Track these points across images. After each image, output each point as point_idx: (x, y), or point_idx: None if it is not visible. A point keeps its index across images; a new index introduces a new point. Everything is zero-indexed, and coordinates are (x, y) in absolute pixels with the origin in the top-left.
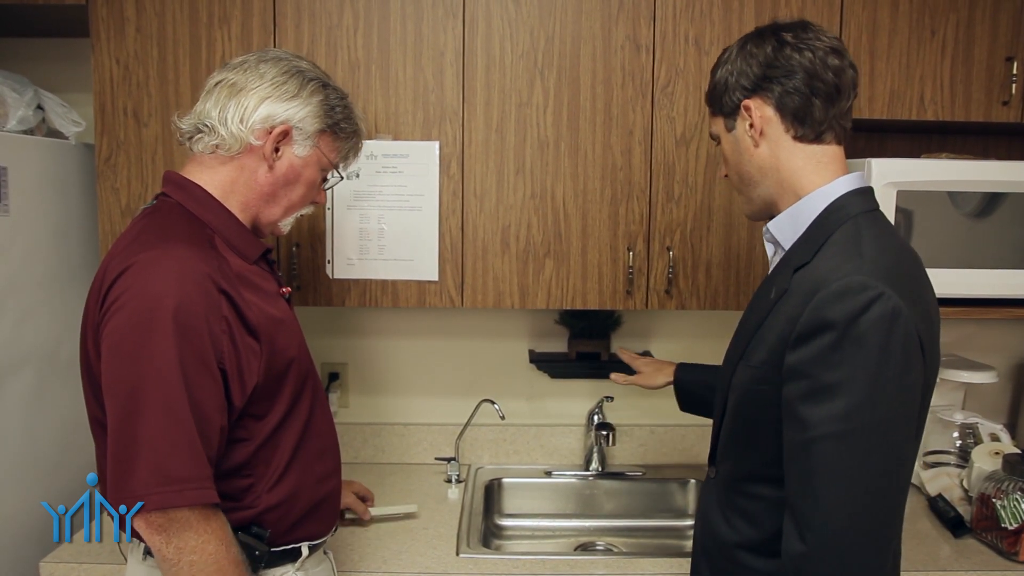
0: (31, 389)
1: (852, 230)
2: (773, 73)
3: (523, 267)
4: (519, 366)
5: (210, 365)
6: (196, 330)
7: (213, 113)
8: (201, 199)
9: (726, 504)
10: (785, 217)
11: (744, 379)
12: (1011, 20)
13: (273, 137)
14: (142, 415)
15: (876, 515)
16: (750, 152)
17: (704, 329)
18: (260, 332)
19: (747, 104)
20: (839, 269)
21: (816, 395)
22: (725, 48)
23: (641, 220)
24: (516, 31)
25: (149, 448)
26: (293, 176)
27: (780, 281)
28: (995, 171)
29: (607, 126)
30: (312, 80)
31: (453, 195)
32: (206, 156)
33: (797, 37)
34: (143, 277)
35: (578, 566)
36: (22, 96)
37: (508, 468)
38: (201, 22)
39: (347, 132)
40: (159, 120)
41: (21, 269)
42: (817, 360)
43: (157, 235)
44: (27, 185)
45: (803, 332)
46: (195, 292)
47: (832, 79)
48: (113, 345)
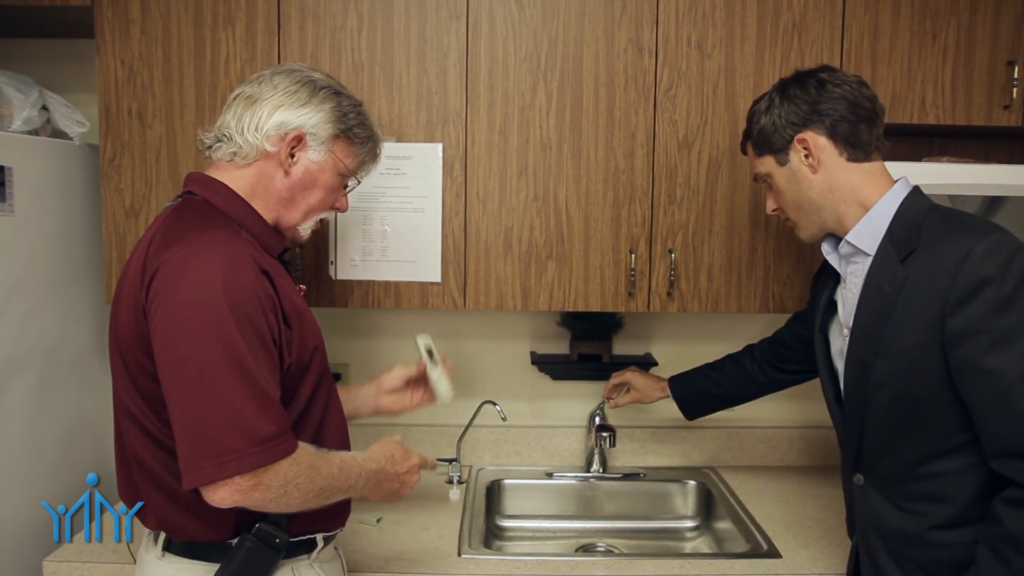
0: (34, 389)
1: (943, 216)
2: (821, 107)
3: (525, 269)
4: (521, 367)
5: (265, 338)
6: (249, 304)
7: (232, 124)
8: (227, 195)
9: (902, 496)
10: (862, 227)
11: (893, 369)
12: (1012, 24)
13: (287, 143)
14: (215, 389)
15: None
16: (809, 180)
17: (706, 331)
18: (291, 319)
19: (802, 137)
20: (966, 239)
21: (998, 344)
22: (761, 97)
23: (643, 222)
24: (519, 34)
25: (234, 415)
26: (310, 180)
27: (889, 274)
28: (996, 175)
29: (609, 129)
30: (323, 88)
31: (456, 197)
32: (225, 163)
33: (831, 76)
34: (189, 260)
35: (579, 567)
36: (27, 97)
37: (509, 469)
38: (206, 24)
39: (361, 137)
40: (163, 121)
41: (25, 269)
42: (987, 313)
43: (194, 223)
44: (32, 185)
45: (962, 295)
46: (243, 270)
47: (869, 105)
48: (170, 329)
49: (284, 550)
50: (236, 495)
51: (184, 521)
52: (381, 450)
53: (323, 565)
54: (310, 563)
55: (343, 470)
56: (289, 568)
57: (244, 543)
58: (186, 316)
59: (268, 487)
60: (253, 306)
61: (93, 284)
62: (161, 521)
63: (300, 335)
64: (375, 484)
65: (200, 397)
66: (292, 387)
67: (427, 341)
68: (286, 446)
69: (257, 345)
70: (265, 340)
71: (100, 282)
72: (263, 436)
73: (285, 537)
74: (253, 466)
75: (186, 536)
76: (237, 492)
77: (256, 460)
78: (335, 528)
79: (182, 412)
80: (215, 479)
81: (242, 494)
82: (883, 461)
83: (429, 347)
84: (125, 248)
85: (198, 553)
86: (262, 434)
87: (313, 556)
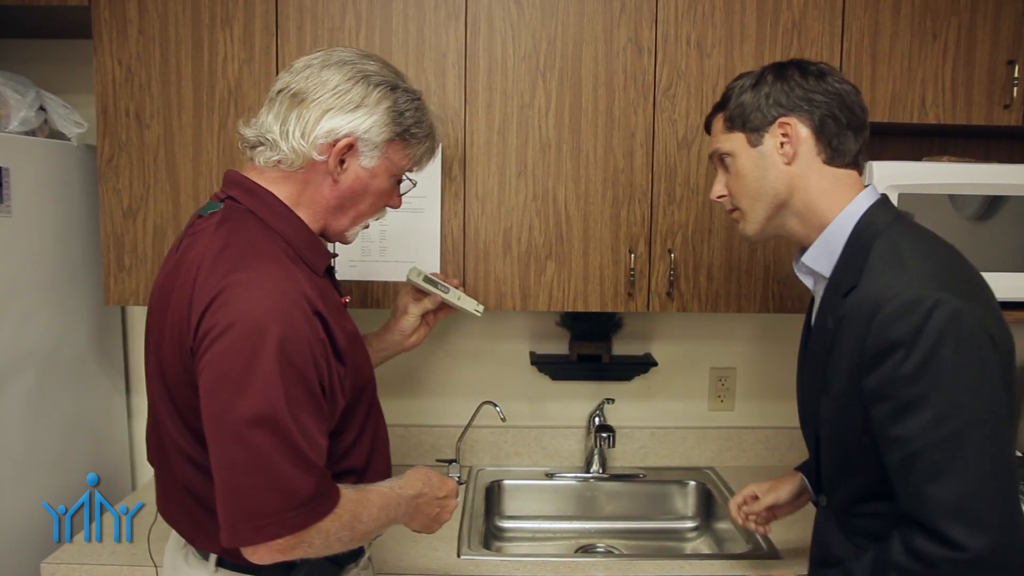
0: (32, 390)
1: (889, 244)
2: (815, 97)
3: (524, 269)
4: (520, 368)
5: (313, 388)
6: (301, 355)
7: (275, 127)
8: (275, 207)
9: (848, 528)
10: (818, 247)
11: (831, 411)
12: (1012, 23)
13: (336, 152)
14: (255, 447)
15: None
16: (778, 169)
17: (705, 331)
18: (345, 355)
19: (785, 121)
20: (890, 287)
21: (904, 412)
22: (747, 73)
23: (642, 222)
24: (518, 33)
25: (272, 476)
26: (360, 188)
27: (834, 309)
28: (996, 174)
29: (609, 128)
30: (379, 85)
31: (455, 197)
32: (268, 169)
33: (833, 72)
34: (242, 300)
35: (579, 568)
36: (24, 97)
37: (509, 470)
38: (203, 24)
39: (419, 136)
40: (161, 121)
41: (23, 270)
42: (895, 379)
43: (246, 251)
44: (29, 186)
45: (873, 355)
46: (297, 316)
47: (861, 114)
48: (215, 375)
49: (344, 562)
50: (276, 554)
51: None
52: (417, 475)
53: (362, 572)
54: (357, 571)
55: (383, 507)
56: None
57: (308, 560)
58: (231, 368)
59: (310, 544)
60: (304, 356)
61: (91, 285)
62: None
63: (354, 367)
64: (415, 510)
65: (237, 454)
66: (342, 422)
67: (420, 273)
68: (327, 505)
69: (304, 399)
70: (314, 391)
71: (98, 283)
72: (303, 498)
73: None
74: (293, 529)
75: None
76: (277, 552)
77: (296, 523)
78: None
79: (221, 467)
80: (253, 542)
81: (282, 552)
82: (835, 491)
83: (429, 278)
84: (123, 249)
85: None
86: (302, 496)
87: (360, 564)
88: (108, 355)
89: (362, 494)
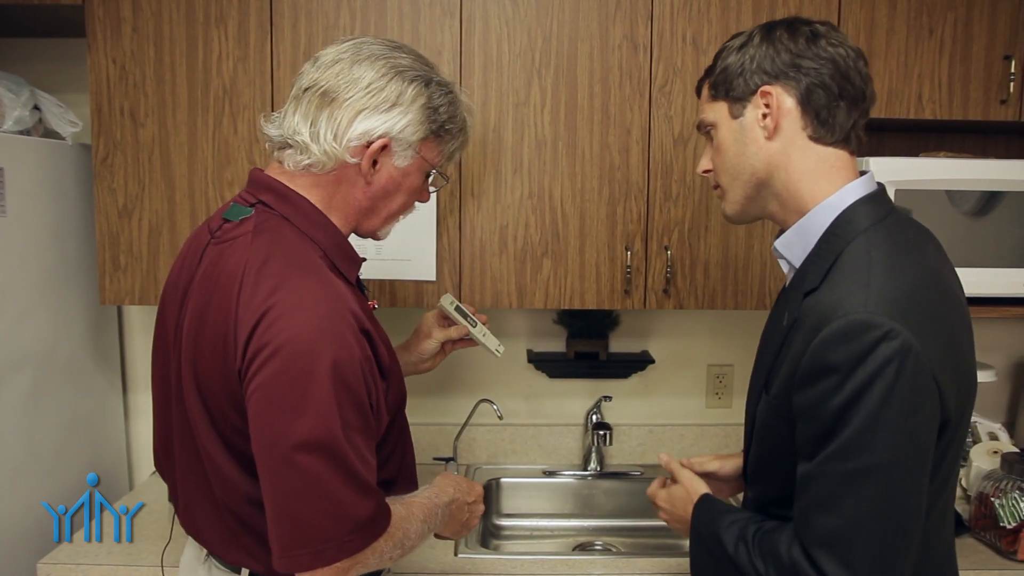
0: (28, 390)
1: (861, 251)
2: (803, 63)
3: (521, 267)
4: (517, 366)
5: (364, 408)
6: (354, 376)
7: (303, 129)
8: (310, 215)
9: None
10: (792, 234)
11: (764, 412)
12: (1009, 18)
13: (370, 154)
14: (312, 473)
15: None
16: (758, 144)
17: (702, 328)
18: (389, 371)
19: (767, 90)
20: (843, 304)
21: (820, 437)
22: (740, 33)
23: (639, 219)
24: (513, 30)
25: (331, 502)
26: (393, 187)
27: (792, 307)
28: (993, 170)
29: (605, 125)
30: (414, 80)
31: (451, 195)
32: (298, 173)
33: (830, 32)
34: (293, 319)
35: (576, 566)
36: (18, 96)
37: (506, 468)
38: (198, 22)
39: (452, 132)
40: (156, 120)
41: (18, 270)
42: (820, 404)
43: (290, 265)
44: (24, 186)
45: (806, 374)
46: (348, 336)
47: (859, 83)
48: (268, 399)
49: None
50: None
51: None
52: (447, 482)
53: None
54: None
55: (426, 519)
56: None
57: None
58: (285, 392)
59: (364, 564)
60: (357, 378)
61: (87, 284)
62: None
63: (397, 383)
64: (449, 517)
65: (293, 480)
66: (386, 433)
67: (453, 302)
68: (382, 524)
69: (357, 421)
70: (365, 412)
71: (94, 282)
72: (361, 522)
73: None
74: (352, 552)
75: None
76: (332, 574)
77: (355, 546)
78: None
79: (275, 493)
80: (311, 567)
81: (338, 574)
82: (755, 487)
83: (459, 307)
84: (118, 248)
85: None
86: (360, 520)
87: None
88: (104, 355)
89: (408, 509)
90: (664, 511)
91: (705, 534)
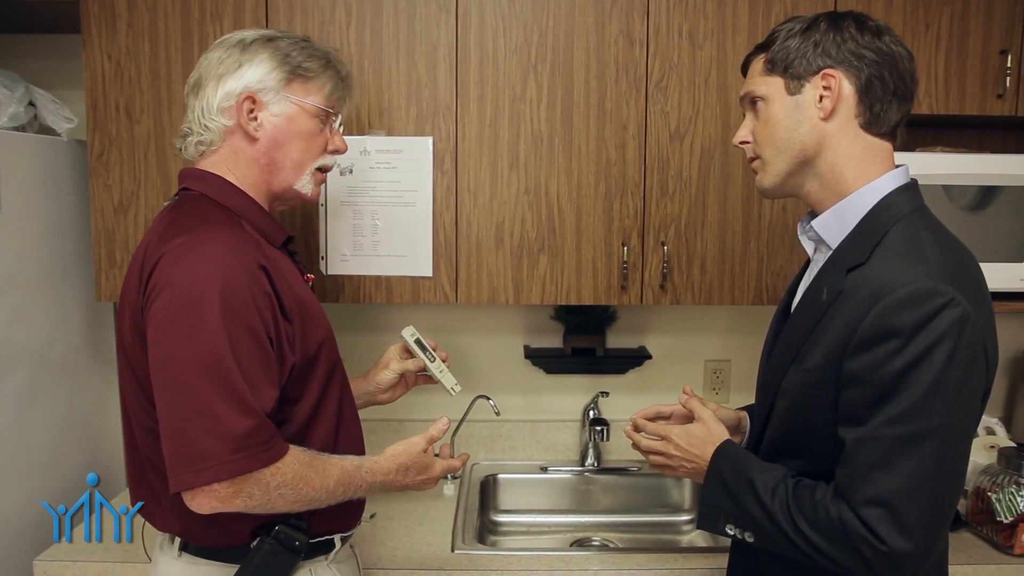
0: (25, 387)
1: (909, 230)
2: (866, 55)
3: (517, 262)
4: (514, 362)
5: (259, 337)
6: (243, 303)
7: (190, 117)
8: (222, 186)
9: None
10: (831, 215)
11: (797, 383)
12: (1005, 13)
13: (239, 108)
14: (194, 390)
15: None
16: (812, 122)
17: (699, 324)
18: (292, 314)
19: (830, 72)
20: (904, 273)
21: (877, 399)
22: (796, 17)
23: (635, 215)
24: (509, 26)
25: (212, 419)
26: (283, 136)
27: (832, 281)
28: (990, 164)
29: (601, 121)
30: (254, 41)
31: (447, 191)
32: (205, 156)
33: (891, 31)
34: (185, 257)
35: (573, 562)
36: (13, 93)
37: (503, 464)
38: (193, 18)
39: (314, 70)
40: (151, 116)
41: (14, 266)
42: (879, 367)
43: (193, 219)
44: (19, 182)
45: (866, 339)
46: (238, 268)
47: (911, 84)
48: (159, 325)
49: (303, 552)
50: (215, 502)
51: (200, 526)
52: (394, 460)
53: (340, 565)
54: (327, 564)
55: (341, 481)
56: (307, 569)
57: (263, 546)
58: (175, 315)
59: (249, 495)
60: (247, 306)
61: (83, 281)
62: (177, 524)
63: (303, 328)
64: (395, 486)
65: (180, 398)
66: (300, 385)
67: (414, 334)
68: (269, 453)
69: (250, 346)
70: (260, 339)
71: (90, 279)
72: (243, 442)
73: (304, 539)
74: (232, 474)
75: (202, 541)
76: (216, 499)
77: (235, 468)
78: (352, 527)
79: (164, 413)
80: (193, 485)
81: (221, 501)
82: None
83: (419, 340)
84: (114, 244)
85: (216, 554)
86: (241, 440)
87: (331, 557)
88: (101, 351)
89: (317, 460)
90: (674, 448)
91: (731, 476)
